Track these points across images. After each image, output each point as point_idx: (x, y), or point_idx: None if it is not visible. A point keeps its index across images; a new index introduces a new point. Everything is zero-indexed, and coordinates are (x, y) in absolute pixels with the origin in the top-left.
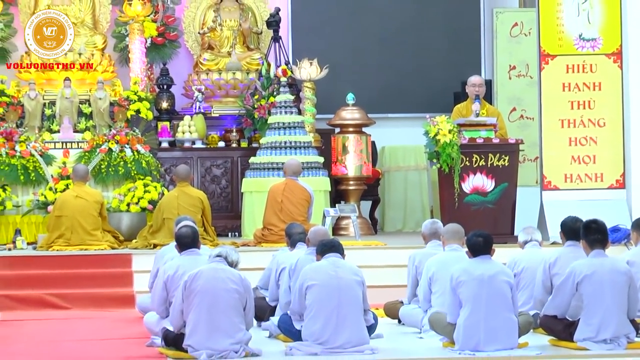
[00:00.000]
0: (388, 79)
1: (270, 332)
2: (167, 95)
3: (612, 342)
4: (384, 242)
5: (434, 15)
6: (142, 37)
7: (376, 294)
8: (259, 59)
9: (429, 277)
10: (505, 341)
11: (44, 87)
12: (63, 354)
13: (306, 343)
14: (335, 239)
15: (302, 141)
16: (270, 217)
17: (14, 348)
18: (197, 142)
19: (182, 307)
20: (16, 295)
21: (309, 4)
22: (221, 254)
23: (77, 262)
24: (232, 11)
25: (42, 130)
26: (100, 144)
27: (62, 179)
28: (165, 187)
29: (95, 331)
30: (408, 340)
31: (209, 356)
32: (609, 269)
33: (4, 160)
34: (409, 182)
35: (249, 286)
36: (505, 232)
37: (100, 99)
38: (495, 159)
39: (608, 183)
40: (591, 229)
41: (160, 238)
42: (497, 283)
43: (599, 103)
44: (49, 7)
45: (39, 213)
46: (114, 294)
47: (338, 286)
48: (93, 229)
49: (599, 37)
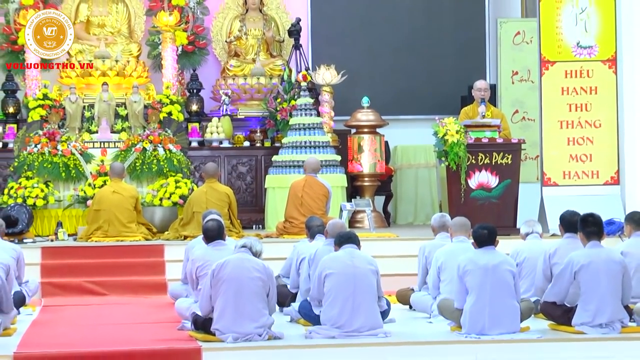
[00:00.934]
0: (400, 83)
1: (292, 317)
2: (196, 99)
3: (608, 326)
4: (396, 234)
5: (442, 25)
6: (174, 45)
7: (389, 282)
8: (281, 65)
9: (437, 266)
10: (508, 326)
11: (83, 91)
12: (101, 337)
13: (324, 327)
14: (352, 231)
15: (320, 141)
16: (292, 211)
17: (56, 331)
18: (224, 142)
19: (210, 293)
20: (58, 283)
21: (328, 15)
22: (246, 245)
23: (114, 252)
24: (257, 21)
25: (82, 131)
26: (135, 143)
27: (100, 176)
28: (194, 183)
29: (130, 316)
30: (418, 325)
31: (235, 339)
32: (605, 259)
33: (47, 158)
34: (419, 179)
35: (272, 274)
36: (508, 224)
37: (135, 102)
38: (499, 157)
39: (603, 180)
40: (588, 222)
41: (190, 230)
42: (501, 272)
43: (595, 106)
44: (88, 18)
45: (79, 207)
46: (147, 281)
47: (354, 274)
48: (128, 221)
49: (595, 45)
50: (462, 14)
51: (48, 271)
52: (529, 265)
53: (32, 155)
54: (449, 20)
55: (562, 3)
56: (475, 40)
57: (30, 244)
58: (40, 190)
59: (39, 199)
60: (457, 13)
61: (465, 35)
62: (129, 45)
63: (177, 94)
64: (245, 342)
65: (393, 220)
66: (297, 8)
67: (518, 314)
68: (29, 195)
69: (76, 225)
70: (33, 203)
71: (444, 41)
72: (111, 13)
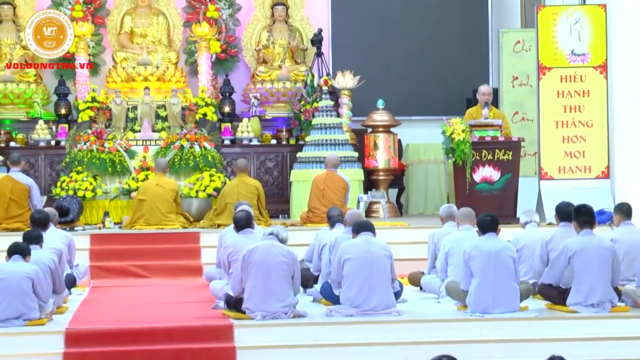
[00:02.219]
0: (411, 87)
1: (314, 297)
2: (228, 101)
3: (599, 306)
4: (408, 222)
5: (449, 35)
6: (209, 53)
7: (401, 266)
8: (304, 71)
9: (445, 252)
10: (509, 305)
11: (127, 94)
12: (143, 315)
13: (344, 306)
14: (368, 220)
15: (340, 139)
16: (314, 202)
17: (103, 309)
18: (254, 140)
19: (241, 276)
20: (105, 266)
21: (346, 26)
22: (273, 232)
23: (155, 239)
24: (283, 31)
25: (126, 130)
26: (174, 141)
27: (142, 170)
28: (227, 177)
29: (169, 296)
30: (428, 305)
31: (263, 317)
32: (596, 245)
33: (95, 155)
34: (429, 173)
35: (296, 259)
36: (508, 214)
37: (174, 104)
38: (501, 153)
39: (595, 174)
40: (581, 212)
41: (223, 219)
42: (502, 257)
43: (587, 107)
44: (132, 29)
45: (124, 198)
46: (184, 265)
47: (370, 259)
48: (168, 211)
49: (587, 53)
50: (467, 25)
51: (96, 256)
52: (528, 251)
53: (81, 152)
54: (455, 30)
55: (557, 15)
56: (479, 48)
57: (80, 231)
58: (89, 183)
59: (88, 191)
60: (463, 24)
61: (469, 44)
62: (168, 53)
63: (211, 97)
64: (272, 320)
65: (405, 210)
66: (319, 19)
67: (518, 295)
68: (79, 188)
69: (121, 214)
70: (83, 195)
71: (451, 49)
72: (152, 24)
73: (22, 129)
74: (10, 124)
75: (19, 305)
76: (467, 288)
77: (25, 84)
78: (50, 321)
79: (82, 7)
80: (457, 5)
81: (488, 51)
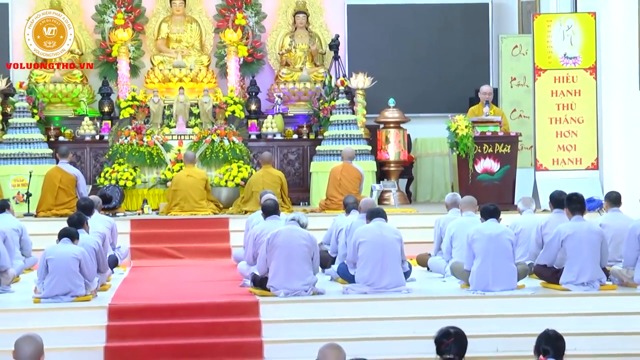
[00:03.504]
0: (419, 87)
1: (332, 277)
2: (254, 100)
3: (588, 284)
4: (416, 209)
5: (454, 40)
6: (237, 57)
7: (410, 248)
8: (323, 73)
9: (450, 235)
10: (507, 283)
11: (164, 94)
12: (178, 291)
13: (358, 285)
14: (380, 207)
15: (355, 134)
16: (332, 191)
17: (142, 287)
18: (277, 135)
19: (266, 257)
20: (143, 248)
21: (361, 32)
22: (295, 218)
23: (188, 224)
24: (303, 37)
25: (163, 126)
26: (206, 136)
27: (178, 162)
28: (253, 168)
29: (201, 275)
30: (434, 283)
31: (286, 294)
32: (586, 229)
33: (135, 148)
34: (435, 165)
35: (316, 242)
36: (507, 202)
37: (205, 103)
38: (500, 147)
39: (585, 165)
40: (572, 200)
41: (249, 206)
42: (502, 240)
43: (578, 106)
44: (168, 35)
45: (160, 187)
46: (215, 247)
47: (382, 242)
48: (200, 199)
49: (579, 56)
50: (469, 31)
51: (136, 239)
52: (525, 235)
53: (123, 145)
54: (459, 36)
55: (551, 22)
56: (481, 52)
57: (122, 217)
58: (129, 173)
59: (129, 180)
60: (466, 30)
61: (472, 48)
62: (201, 56)
63: (239, 96)
64: (294, 297)
65: (413, 198)
66: (336, 26)
67: (516, 274)
68: (121, 178)
69: (158, 202)
70: (124, 184)
71: (455, 53)
72: (186, 31)
73: (69, 125)
74: (59, 120)
75: (67, 283)
76: (469, 268)
77: (73, 85)
78: (95, 297)
79: (124, 15)
80: (461, 14)
81: (489, 55)
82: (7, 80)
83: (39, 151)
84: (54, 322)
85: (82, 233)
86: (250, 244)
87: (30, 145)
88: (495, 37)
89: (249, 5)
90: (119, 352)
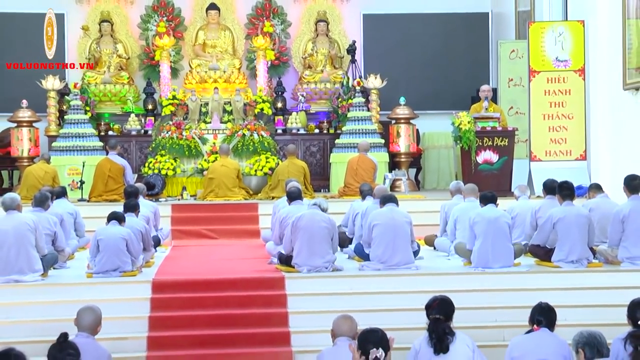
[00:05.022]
0: (427, 87)
1: (349, 255)
2: (281, 99)
3: (577, 262)
4: (424, 195)
5: (457, 45)
6: (265, 60)
7: (419, 230)
8: (341, 74)
9: (454, 219)
10: (505, 261)
11: (201, 93)
12: (213, 268)
13: (373, 262)
14: (392, 194)
15: (370, 129)
16: (349, 179)
17: (182, 263)
18: (301, 130)
19: (291, 238)
20: (183, 230)
21: (375, 39)
22: (316, 203)
23: (222, 208)
24: (324, 43)
25: (200, 122)
26: (237, 130)
27: (212, 154)
28: (279, 159)
29: (234, 253)
30: (440, 261)
31: (309, 270)
32: (575, 213)
33: (175, 141)
34: (441, 156)
35: (335, 224)
36: (505, 189)
37: (237, 101)
38: (499, 140)
39: (574, 156)
40: (563, 187)
41: (276, 192)
42: (500, 223)
43: (569, 103)
44: (204, 41)
45: (198, 176)
46: (245, 229)
47: (394, 225)
48: (233, 186)
49: (569, 59)
50: (471, 37)
51: (176, 221)
52: (520, 218)
53: (164, 139)
54: (463, 42)
55: (545, 29)
56: (481, 56)
57: (164, 202)
58: (170, 164)
59: (170, 170)
60: (468, 37)
61: (474, 52)
62: (233, 60)
63: (267, 95)
64: (315, 273)
65: (422, 186)
66: (353, 33)
67: (512, 253)
68: (163, 167)
69: (196, 188)
70: (165, 173)
71: (459, 57)
72: (220, 37)
73: (118, 121)
74: (108, 117)
75: (115, 260)
76: (471, 247)
77: (121, 85)
78: (140, 273)
79: (165, 24)
80: (464, 22)
81: (488, 58)
82: (63, 82)
83: (90, 144)
84: (104, 294)
85: (132, 217)
86: (276, 226)
87: (83, 138)
88: (494, 43)
89: (276, 15)
90: (162, 321)
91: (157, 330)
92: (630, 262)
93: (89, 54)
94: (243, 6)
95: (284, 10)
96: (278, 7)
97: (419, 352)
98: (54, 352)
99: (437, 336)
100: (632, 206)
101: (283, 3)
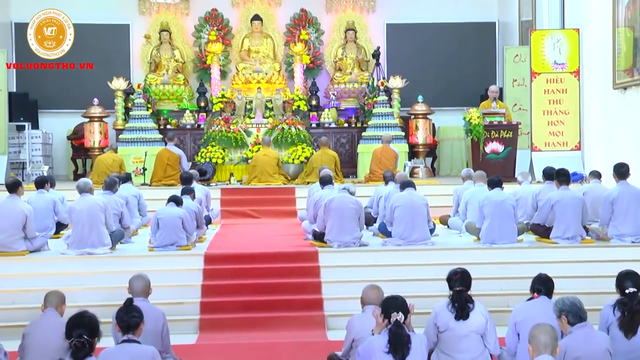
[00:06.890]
0: (442, 86)
1: (374, 232)
2: (315, 97)
3: (572, 239)
4: (439, 181)
5: (469, 50)
6: (301, 64)
7: (434, 211)
8: (367, 76)
9: (465, 201)
10: (510, 238)
11: (246, 92)
12: (257, 243)
13: (394, 239)
14: (411, 179)
15: (392, 123)
16: (374, 167)
17: (229, 239)
18: (332, 124)
19: (323, 217)
20: (230, 210)
21: (397, 45)
22: (346, 187)
23: (264, 192)
24: (352, 48)
25: (245, 117)
26: (277, 124)
27: (256, 145)
28: (314, 149)
29: (274, 230)
30: (453, 238)
31: (339, 245)
32: (571, 197)
33: (224, 134)
34: (454, 147)
35: (362, 206)
36: (509, 175)
37: (277, 99)
38: (504, 133)
39: (570, 147)
40: (560, 173)
41: (311, 178)
42: (506, 205)
43: (565, 101)
44: (249, 48)
45: (243, 164)
46: (284, 210)
47: (412, 206)
48: (273, 173)
49: (565, 62)
50: (481, 43)
51: (225, 203)
52: (523, 201)
53: (215, 132)
54: (473, 47)
55: (545, 36)
56: (489, 59)
57: (214, 186)
58: (219, 153)
59: (219, 158)
60: (478, 43)
61: (483, 56)
62: (274, 64)
63: (303, 94)
64: (345, 248)
65: (437, 172)
66: (378, 40)
67: (516, 231)
68: (213, 156)
69: (241, 174)
70: (215, 161)
71: (470, 60)
72: (263, 44)
73: (175, 116)
74: (167, 113)
75: (173, 236)
76: (480, 226)
77: (177, 85)
78: (194, 247)
79: (216, 32)
80: (474, 30)
81: (495, 61)
82: (129, 83)
83: (151, 136)
84: (163, 265)
85: (187, 199)
86: (311, 207)
87: (145, 131)
88: (500, 48)
89: (311, 25)
90: (212, 289)
91: (209, 297)
92: (618, 239)
93: (150, 58)
94: (282, 17)
95: (318, 20)
96: (313, 17)
97: (439, 314)
98: (121, 314)
99: (460, 305)
100: (620, 190)
101: (317, 14)
